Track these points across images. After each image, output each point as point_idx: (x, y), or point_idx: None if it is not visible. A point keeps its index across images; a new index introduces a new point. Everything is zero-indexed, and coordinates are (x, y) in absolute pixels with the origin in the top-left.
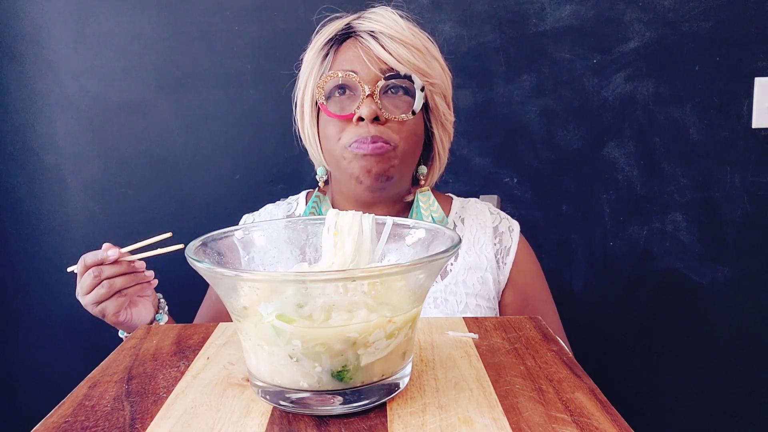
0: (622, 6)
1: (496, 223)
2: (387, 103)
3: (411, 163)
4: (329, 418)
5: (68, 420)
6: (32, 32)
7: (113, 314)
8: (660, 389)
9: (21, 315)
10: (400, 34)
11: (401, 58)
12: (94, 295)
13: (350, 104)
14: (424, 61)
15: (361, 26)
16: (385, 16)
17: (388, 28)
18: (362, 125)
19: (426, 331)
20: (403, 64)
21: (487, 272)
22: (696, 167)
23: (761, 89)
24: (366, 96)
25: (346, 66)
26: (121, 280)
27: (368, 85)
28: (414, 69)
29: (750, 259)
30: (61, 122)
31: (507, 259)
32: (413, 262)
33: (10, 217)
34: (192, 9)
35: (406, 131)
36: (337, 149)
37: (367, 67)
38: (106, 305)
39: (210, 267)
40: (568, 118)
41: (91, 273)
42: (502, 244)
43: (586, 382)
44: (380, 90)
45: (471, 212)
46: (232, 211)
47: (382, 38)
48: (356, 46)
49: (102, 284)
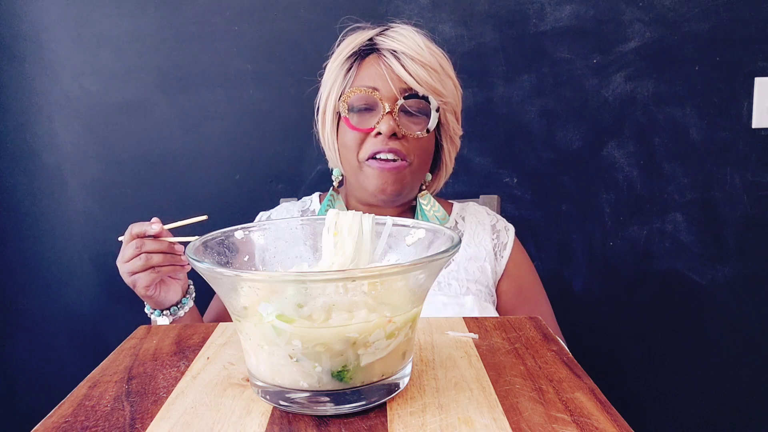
0: (622, 6)
1: (493, 222)
2: (404, 121)
3: (422, 176)
4: (329, 418)
5: (68, 420)
6: (32, 32)
7: (143, 287)
8: (660, 389)
9: (21, 315)
10: (420, 55)
11: (420, 78)
12: (131, 265)
13: (370, 119)
14: (439, 81)
15: (384, 44)
16: (407, 36)
17: (409, 48)
18: (380, 138)
19: (426, 331)
20: (421, 85)
21: (485, 262)
22: (696, 167)
23: (761, 89)
24: (386, 113)
25: (368, 82)
26: (159, 258)
27: (388, 103)
28: (430, 89)
29: (750, 259)
30: (61, 122)
31: (504, 252)
32: (413, 262)
33: (10, 217)
34: (192, 9)
35: (420, 147)
36: (355, 161)
37: (388, 85)
38: (139, 277)
39: (210, 267)
40: (568, 118)
41: (134, 244)
42: (500, 239)
43: (586, 382)
44: (399, 108)
45: (470, 212)
46: (232, 211)
47: (403, 58)
48: (378, 63)
49: (140, 257)
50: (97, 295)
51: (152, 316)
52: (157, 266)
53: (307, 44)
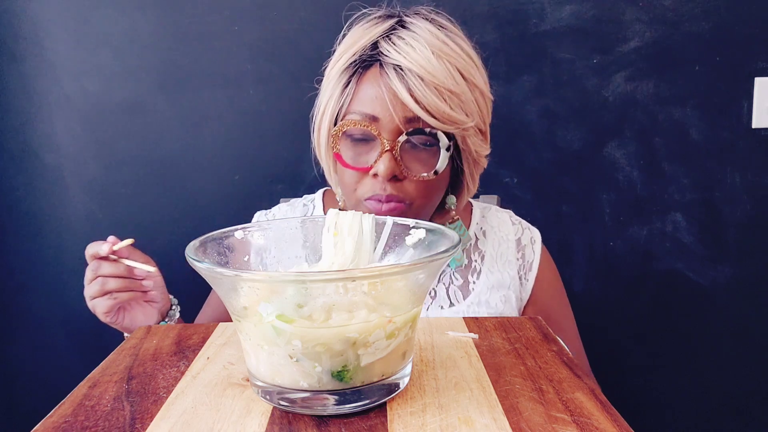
0: (623, 6)
1: (518, 235)
2: (408, 158)
3: (429, 212)
4: (329, 418)
5: (68, 420)
6: (32, 32)
7: (102, 314)
8: (660, 389)
9: (21, 315)
10: (431, 74)
11: (430, 106)
12: (88, 289)
13: (367, 154)
14: (458, 104)
15: (389, 56)
16: (416, 46)
17: (418, 65)
18: (378, 180)
19: (426, 331)
20: (431, 114)
21: (510, 290)
22: (696, 167)
23: (761, 89)
24: (384, 151)
25: (367, 108)
26: (114, 283)
27: (388, 140)
28: (445, 119)
29: (750, 260)
30: (61, 122)
31: (529, 275)
32: (413, 262)
33: (10, 217)
34: (192, 9)
35: (426, 188)
36: (353, 199)
37: (389, 113)
38: (96, 303)
39: (210, 267)
40: (568, 118)
41: (91, 266)
42: (525, 259)
43: (586, 382)
44: (401, 144)
45: (492, 223)
46: (232, 211)
47: (409, 78)
48: (380, 83)
49: (96, 281)
50: None
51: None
52: (114, 292)
53: (307, 44)
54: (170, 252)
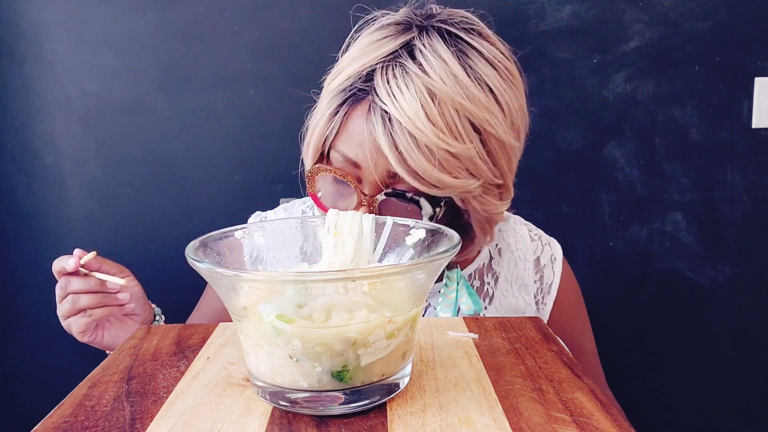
0: (622, 6)
1: (537, 254)
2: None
3: None
4: (329, 418)
5: (68, 420)
6: (32, 32)
7: (78, 333)
8: (660, 389)
9: (21, 315)
10: (422, 131)
11: (417, 167)
12: (59, 309)
13: (344, 201)
14: (456, 166)
15: (379, 95)
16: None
17: (406, 117)
18: None
19: (426, 331)
20: (419, 180)
21: (525, 314)
22: (696, 167)
23: (761, 89)
24: (362, 205)
25: (350, 150)
26: (86, 299)
27: (367, 193)
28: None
29: (750, 260)
30: (61, 122)
31: (548, 298)
32: (413, 262)
33: (10, 217)
34: (192, 9)
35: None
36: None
37: (370, 165)
38: (70, 322)
39: (210, 267)
40: (568, 118)
41: (59, 283)
42: (544, 281)
43: (586, 382)
44: (379, 204)
45: (509, 240)
46: (232, 211)
47: (396, 131)
48: (365, 127)
49: (67, 298)
50: None
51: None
52: (88, 309)
53: (307, 44)
54: (170, 252)
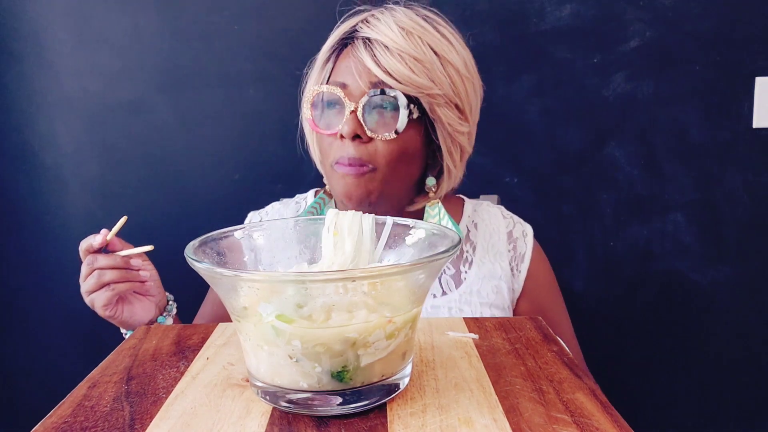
0: (623, 5)
1: (510, 228)
2: (373, 120)
3: (397, 183)
4: (329, 418)
5: (68, 420)
6: (32, 32)
7: (101, 307)
8: (660, 389)
9: (21, 315)
10: (396, 43)
11: (392, 70)
12: (85, 284)
13: (337, 120)
14: (422, 71)
15: (360, 32)
16: (386, 22)
17: (385, 36)
18: (346, 143)
19: (426, 332)
20: (393, 78)
21: (501, 281)
22: (696, 167)
23: (762, 89)
24: (350, 112)
25: (339, 78)
26: (111, 274)
27: (353, 102)
28: (406, 81)
29: (750, 259)
30: (61, 122)
31: (521, 266)
32: (413, 262)
33: (10, 217)
34: (192, 9)
35: (390, 151)
36: (326, 166)
37: (356, 80)
38: (95, 297)
39: (210, 267)
40: (568, 117)
41: (86, 260)
42: (517, 250)
43: (587, 382)
44: (364, 106)
45: (483, 216)
46: (232, 211)
47: (376, 48)
48: (351, 55)
49: (93, 274)
50: None
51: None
52: (112, 283)
53: (307, 44)
54: (170, 252)
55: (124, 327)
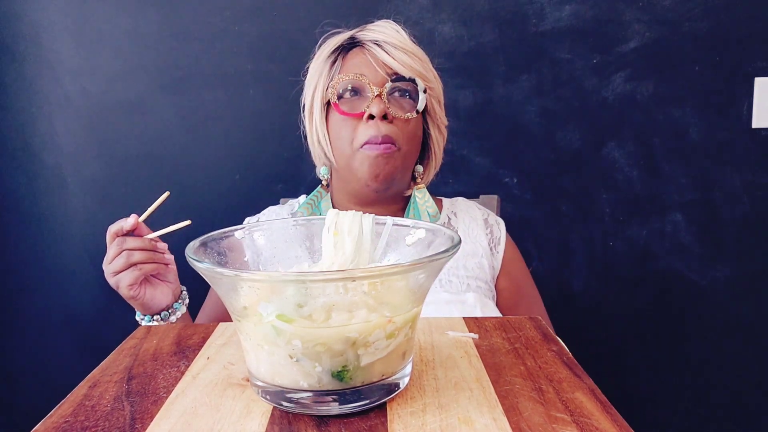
0: (622, 6)
1: (485, 216)
2: (394, 103)
3: (411, 163)
4: (329, 418)
5: (68, 420)
6: (32, 32)
7: (127, 286)
8: (660, 389)
9: (21, 315)
10: (403, 44)
11: (405, 63)
12: (113, 265)
13: (360, 104)
14: (423, 67)
15: (365, 36)
16: (388, 28)
17: (391, 38)
18: (372, 124)
19: (426, 331)
20: (407, 69)
21: (482, 258)
22: (696, 167)
23: (761, 89)
24: (375, 96)
25: (355, 70)
26: (140, 255)
27: (377, 87)
28: (416, 74)
29: (750, 259)
30: (61, 122)
31: (498, 247)
32: (413, 262)
33: (10, 217)
34: (192, 9)
35: (410, 132)
36: (349, 150)
37: (375, 71)
38: (122, 276)
39: (210, 267)
40: (567, 118)
41: (115, 243)
42: (493, 234)
43: (586, 382)
44: (387, 91)
45: (461, 207)
46: (232, 211)
47: (386, 47)
48: (363, 53)
49: (122, 254)
50: (97, 295)
51: (142, 322)
52: (139, 263)
53: (307, 44)
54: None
55: (142, 310)
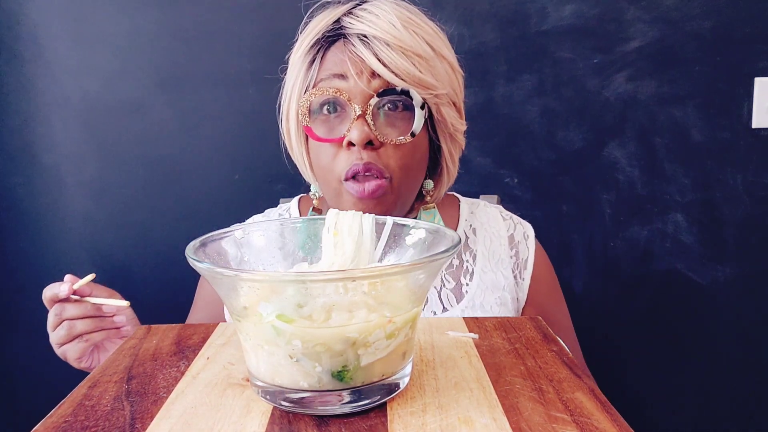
0: (624, 5)
1: (510, 231)
2: (382, 123)
3: (411, 191)
4: (329, 418)
5: (68, 420)
6: (32, 32)
7: (74, 360)
8: (660, 389)
9: (21, 315)
10: (398, 39)
11: (398, 69)
12: (55, 336)
13: (340, 124)
14: (427, 69)
15: (352, 27)
16: (380, 15)
17: (383, 31)
18: (354, 151)
19: (426, 331)
20: (400, 77)
21: (505, 291)
22: (696, 167)
23: (761, 89)
24: (356, 117)
25: (332, 84)
26: (83, 324)
27: (359, 105)
28: (414, 82)
29: (750, 260)
30: (60, 122)
31: (525, 273)
32: (413, 262)
33: (9, 217)
34: (192, 8)
35: (404, 156)
36: (333, 181)
37: (356, 81)
38: (67, 349)
39: (210, 267)
40: (569, 118)
41: (53, 311)
42: (519, 256)
43: (586, 382)
44: (373, 109)
45: (482, 219)
46: (232, 211)
47: (375, 44)
48: (345, 53)
49: (62, 325)
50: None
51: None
52: (84, 333)
53: None
54: (170, 252)
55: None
